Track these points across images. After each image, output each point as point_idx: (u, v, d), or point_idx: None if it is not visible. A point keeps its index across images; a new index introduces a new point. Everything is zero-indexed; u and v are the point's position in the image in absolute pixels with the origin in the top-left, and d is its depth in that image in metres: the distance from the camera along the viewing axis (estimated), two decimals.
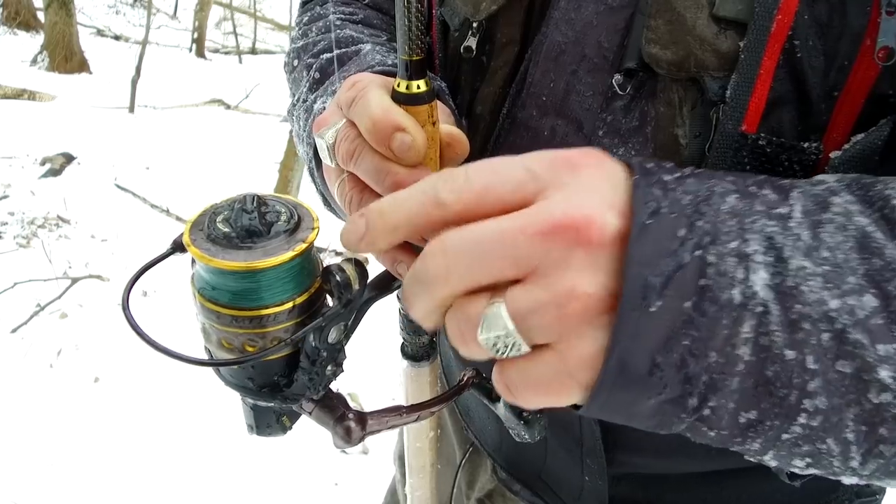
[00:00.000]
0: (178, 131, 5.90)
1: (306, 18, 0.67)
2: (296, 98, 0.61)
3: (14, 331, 2.81)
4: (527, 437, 0.50)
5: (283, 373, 0.39)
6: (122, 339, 2.60)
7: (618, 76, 0.44)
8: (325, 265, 0.38)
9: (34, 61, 8.53)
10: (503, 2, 0.49)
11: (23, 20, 9.94)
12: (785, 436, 0.30)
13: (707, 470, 0.58)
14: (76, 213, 3.94)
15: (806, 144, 0.39)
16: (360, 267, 0.38)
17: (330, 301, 0.39)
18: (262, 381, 0.39)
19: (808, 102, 0.38)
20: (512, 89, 0.51)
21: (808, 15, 0.36)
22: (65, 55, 8.49)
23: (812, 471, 0.32)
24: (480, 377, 0.49)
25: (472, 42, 0.51)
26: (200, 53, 12.11)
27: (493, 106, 0.52)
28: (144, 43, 6.79)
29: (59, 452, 2.17)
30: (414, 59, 0.37)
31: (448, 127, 0.41)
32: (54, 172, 4.50)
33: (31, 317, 2.91)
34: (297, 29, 0.68)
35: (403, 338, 0.52)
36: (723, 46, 0.39)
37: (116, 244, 3.55)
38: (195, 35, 12.28)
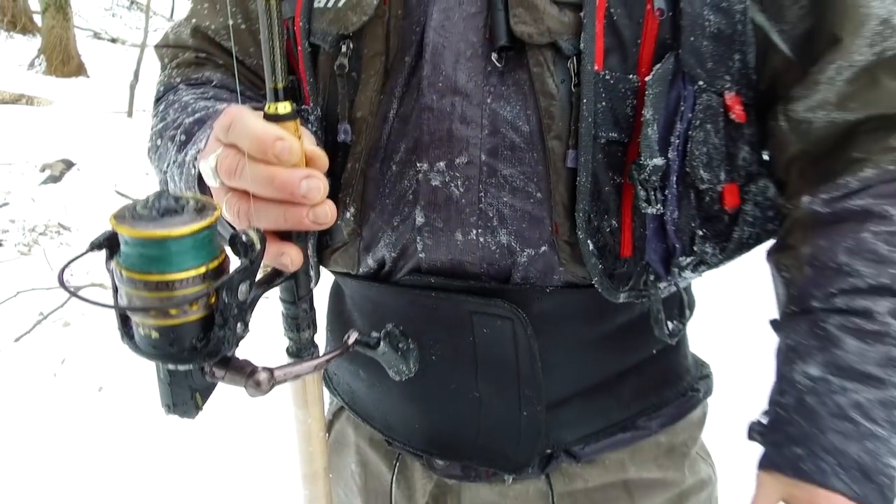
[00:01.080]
0: None
1: (162, 106, 0.75)
2: (165, 167, 0.69)
3: (17, 340, 2.83)
4: (405, 370, 0.64)
5: (199, 336, 0.45)
6: (126, 348, 2.61)
7: (494, 55, 0.59)
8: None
9: (31, 65, 8.53)
10: (369, 16, 0.61)
11: (20, 24, 9.93)
12: None
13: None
14: (77, 221, 3.95)
15: (630, 76, 0.58)
16: (260, 233, 0.47)
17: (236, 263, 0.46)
18: (182, 345, 0.45)
19: (625, 49, 0.57)
20: (398, 90, 0.63)
21: None
22: (62, 59, 8.49)
23: None
24: (361, 336, 0.60)
25: (343, 60, 0.63)
26: None
27: (372, 108, 0.63)
28: (143, 47, 6.79)
29: (64, 461, 2.18)
30: (279, 86, 0.47)
31: (310, 145, 0.49)
32: (54, 179, 4.51)
33: (34, 326, 2.92)
34: (155, 118, 0.75)
35: (288, 338, 0.57)
36: (566, 19, 0.57)
37: None
38: None
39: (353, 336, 0.59)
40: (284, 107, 0.47)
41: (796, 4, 0.59)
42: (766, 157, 0.66)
